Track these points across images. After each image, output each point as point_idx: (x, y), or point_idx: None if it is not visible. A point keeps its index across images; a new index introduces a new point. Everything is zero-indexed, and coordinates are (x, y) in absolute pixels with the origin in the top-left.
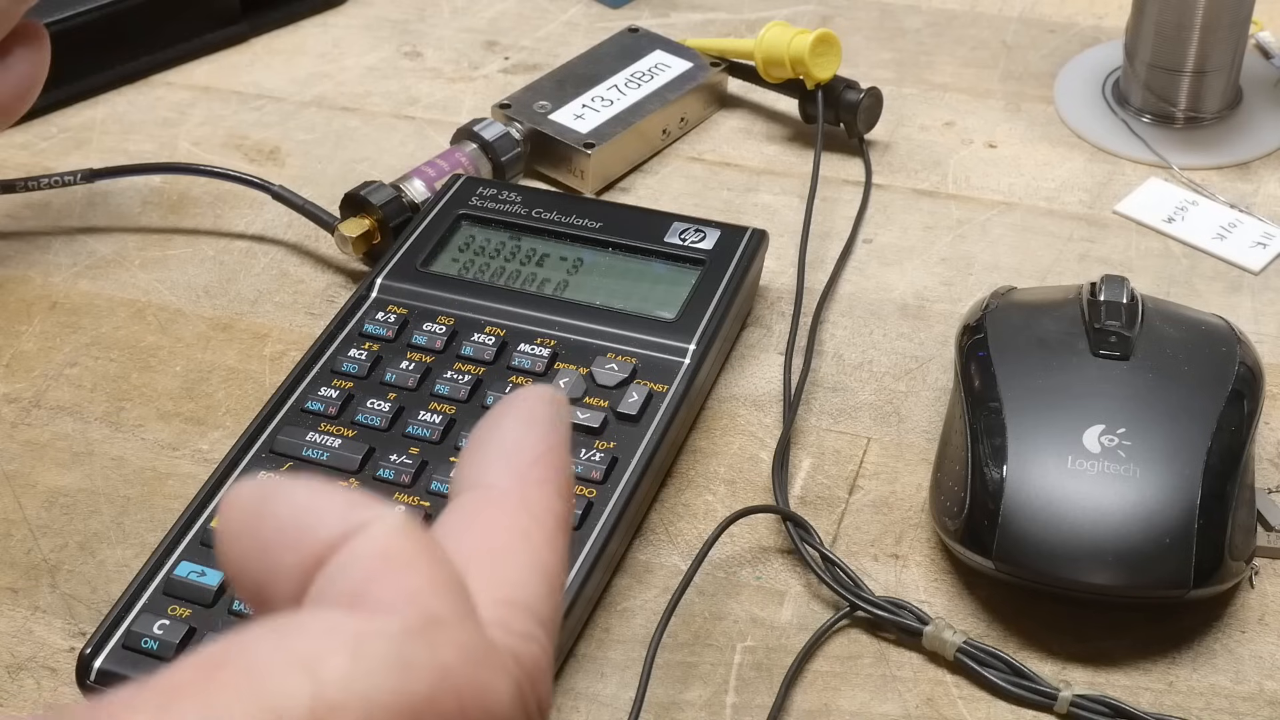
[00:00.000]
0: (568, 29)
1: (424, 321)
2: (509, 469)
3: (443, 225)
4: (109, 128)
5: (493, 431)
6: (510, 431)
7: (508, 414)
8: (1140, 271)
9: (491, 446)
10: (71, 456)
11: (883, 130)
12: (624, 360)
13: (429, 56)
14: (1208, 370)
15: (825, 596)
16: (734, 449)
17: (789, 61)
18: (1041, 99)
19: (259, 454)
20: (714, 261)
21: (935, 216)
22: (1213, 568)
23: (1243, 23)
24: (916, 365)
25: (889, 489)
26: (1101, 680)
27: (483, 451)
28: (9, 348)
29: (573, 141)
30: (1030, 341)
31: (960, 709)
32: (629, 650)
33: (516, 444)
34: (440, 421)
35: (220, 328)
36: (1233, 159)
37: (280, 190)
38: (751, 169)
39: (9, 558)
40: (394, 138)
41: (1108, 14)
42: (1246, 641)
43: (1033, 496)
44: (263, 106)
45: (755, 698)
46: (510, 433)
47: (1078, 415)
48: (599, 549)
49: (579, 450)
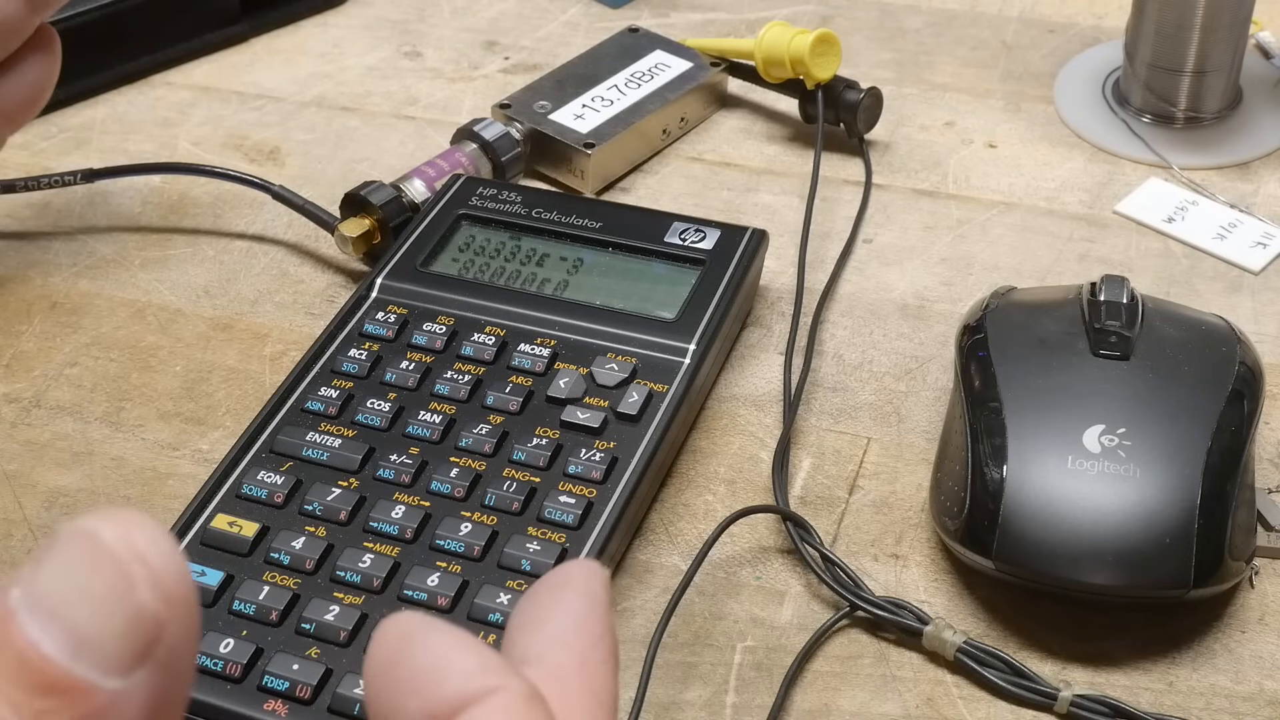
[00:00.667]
0: (568, 29)
1: (424, 321)
2: (573, 651)
3: (443, 225)
4: (109, 128)
5: (555, 609)
6: (572, 609)
7: (568, 589)
8: (1140, 271)
9: (553, 624)
10: (71, 456)
11: (883, 130)
12: (624, 360)
13: (429, 56)
14: (1208, 370)
15: (825, 596)
16: (734, 449)
17: (789, 61)
18: (1041, 99)
19: (259, 454)
20: (714, 261)
21: (935, 216)
22: (1213, 568)
23: (1243, 23)
24: (916, 365)
25: (889, 489)
26: (1101, 680)
27: (545, 628)
28: (9, 348)
29: (573, 141)
30: (1030, 341)
31: (960, 709)
32: (629, 650)
33: (578, 624)
34: (440, 421)
35: (220, 328)
36: (1233, 159)
37: (280, 190)
38: (751, 169)
39: (9, 558)
40: (394, 138)
41: (1108, 14)
42: (1246, 641)
43: (1033, 496)
44: (263, 106)
45: (755, 698)
46: (572, 611)
47: (1078, 415)
48: (599, 549)
49: (579, 450)
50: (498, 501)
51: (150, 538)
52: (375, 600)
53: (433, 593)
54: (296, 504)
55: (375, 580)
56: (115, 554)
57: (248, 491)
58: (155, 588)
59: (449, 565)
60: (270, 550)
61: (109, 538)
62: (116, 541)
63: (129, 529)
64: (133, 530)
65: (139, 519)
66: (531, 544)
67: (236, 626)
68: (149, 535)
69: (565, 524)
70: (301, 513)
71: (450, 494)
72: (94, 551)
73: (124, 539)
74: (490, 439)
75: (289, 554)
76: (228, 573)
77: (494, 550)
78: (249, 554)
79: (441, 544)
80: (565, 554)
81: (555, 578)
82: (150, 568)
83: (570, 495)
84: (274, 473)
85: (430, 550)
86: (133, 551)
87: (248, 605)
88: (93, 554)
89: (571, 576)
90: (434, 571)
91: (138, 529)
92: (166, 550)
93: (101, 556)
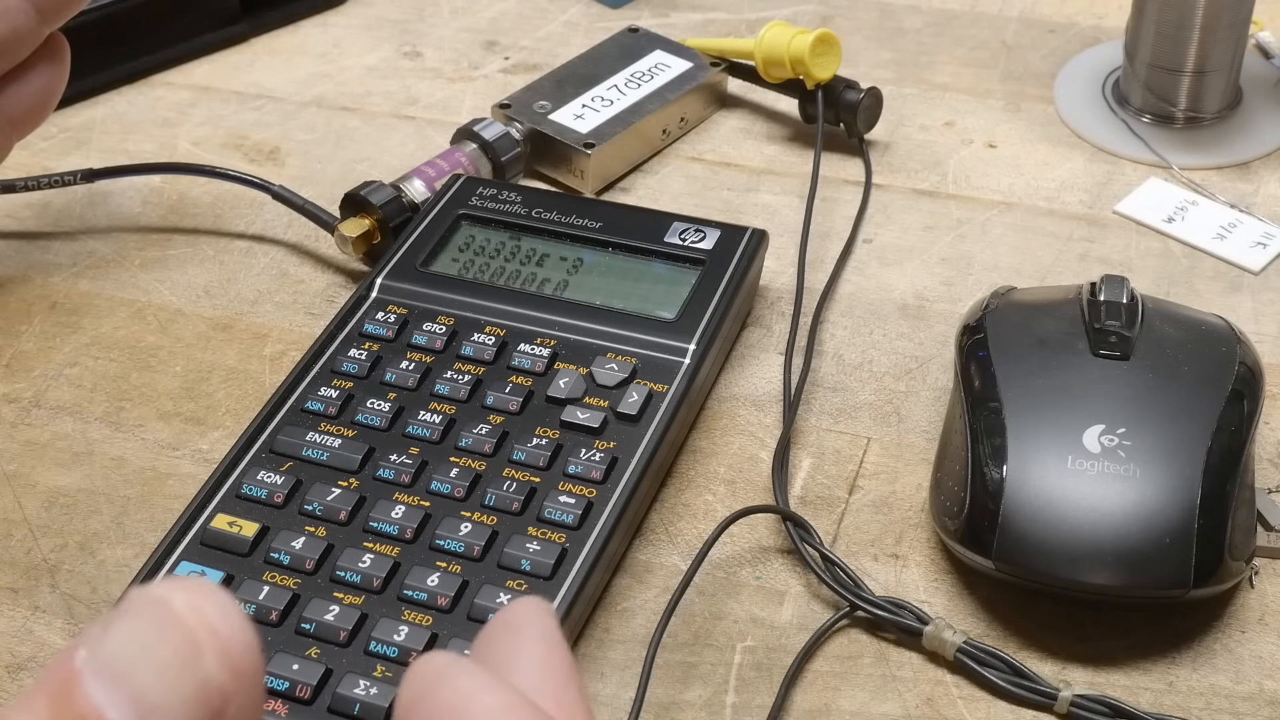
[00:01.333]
0: (568, 29)
1: (424, 321)
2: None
3: (443, 225)
4: (109, 128)
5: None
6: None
7: (524, 633)
8: (1140, 271)
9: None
10: (71, 456)
11: (883, 130)
12: (624, 360)
13: (429, 56)
14: (1208, 370)
15: (825, 596)
16: (734, 449)
17: (789, 61)
18: (1041, 99)
19: (259, 454)
20: (714, 261)
21: (935, 216)
22: (1213, 568)
23: (1243, 23)
24: (916, 365)
25: (889, 489)
26: (1101, 680)
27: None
28: (9, 348)
29: (573, 141)
30: (1030, 341)
31: (960, 709)
32: (629, 650)
33: (544, 667)
34: (440, 421)
35: (220, 328)
36: (1233, 159)
37: (280, 190)
38: (751, 169)
39: (9, 558)
40: (394, 138)
41: (1108, 14)
42: (1246, 641)
43: (1033, 496)
44: (263, 106)
45: (755, 698)
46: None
47: (1078, 415)
48: (599, 549)
49: (579, 450)
50: (498, 501)
51: (221, 608)
52: (375, 600)
53: (433, 593)
54: (296, 504)
55: (375, 580)
56: (185, 622)
57: (248, 491)
58: (223, 659)
59: (449, 565)
60: (270, 550)
61: (179, 605)
62: (187, 610)
63: (200, 597)
64: (203, 599)
65: (210, 588)
66: (531, 544)
67: None
68: (219, 605)
69: (565, 524)
70: (301, 513)
71: (450, 494)
72: (164, 618)
73: (194, 608)
74: (490, 439)
75: (289, 554)
76: (227, 573)
77: (494, 550)
78: (249, 554)
79: (441, 544)
80: (565, 554)
81: (508, 621)
82: (219, 638)
83: (570, 495)
84: (274, 473)
85: (430, 550)
86: (202, 621)
87: (247, 605)
88: (162, 621)
89: (525, 618)
90: (434, 571)
91: (208, 598)
92: (236, 622)
93: (171, 624)
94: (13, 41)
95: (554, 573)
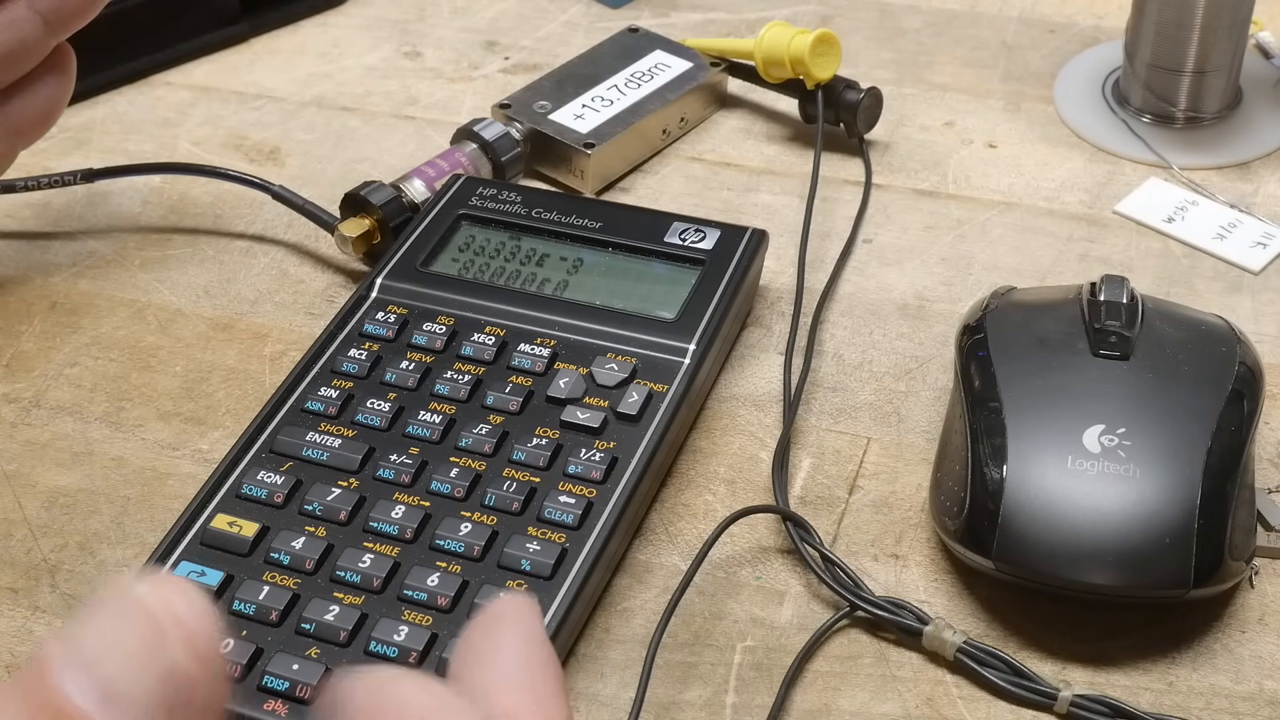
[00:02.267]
0: (568, 29)
1: (424, 321)
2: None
3: (443, 225)
4: (109, 128)
5: (497, 649)
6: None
7: (504, 627)
8: (1140, 271)
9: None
10: (71, 456)
11: (883, 130)
12: (624, 360)
13: (429, 56)
14: (1208, 370)
15: (825, 596)
16: (734, 449)
17: (789, 61)
18: (1041, 99)
19: (259, 454)
20: (714, 261)
21: (935, 216)
22: (1213, 568)
23: (1243, 23)
24: (916, 365)
25: (889, 489)
26: (1101, 680)
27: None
28: (9, 348)
29: (573, 141)
30: (1030, 341)
31: (960, 709)
32: (629, 650)
33: (522, 658)
34: (440, 421)
35: (220, 328)
36: (1233, 159)
37: (280, 190)
38: (751, 169)
39: (9, 558)
40: (394, 138)
41: (1108, 14)
42: (1246, 641)
43: (1033, 496)
44: (263, 106)
45: (755, 698)
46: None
47: (1078, 415)
48: (599, 549)
49: (579, 450)
50: (498, 501)
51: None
52: (375, 600)
53: (432, 593)
54: (296, 504)
55: (375, 580)
56: (151, 612)
57: (248, 491)
58: (188, 647)
59: (449, 565)
60: (270, 550)
61: (146, 596)
62: (154, 600)
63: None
64: (171, 591)
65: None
66: (531, 544)
67: (236, 626)
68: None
69: (565, 524)
70: (301, 513)
71: (450, 494)
72: (131, 609)
73: (161, 598)
74: (490, 439)
75: (289, 554)
76: (227, 573)
77: (494, 550)
78: (249, 554)
79: (441, 544)
80: (565, 554)
81: (489, 616)
82: (185, 627)
83: (570, 495)
84: (274, 473)
85: (430, 550)
86: (168, 610)
87: (248, 605)
88: (129, 611)
89: (505, 613)
90: (434, 571)
91: (176, 591)
92: (202, 613)
93: (137, 614)
94: (20, 53)
95: (554, 573)
